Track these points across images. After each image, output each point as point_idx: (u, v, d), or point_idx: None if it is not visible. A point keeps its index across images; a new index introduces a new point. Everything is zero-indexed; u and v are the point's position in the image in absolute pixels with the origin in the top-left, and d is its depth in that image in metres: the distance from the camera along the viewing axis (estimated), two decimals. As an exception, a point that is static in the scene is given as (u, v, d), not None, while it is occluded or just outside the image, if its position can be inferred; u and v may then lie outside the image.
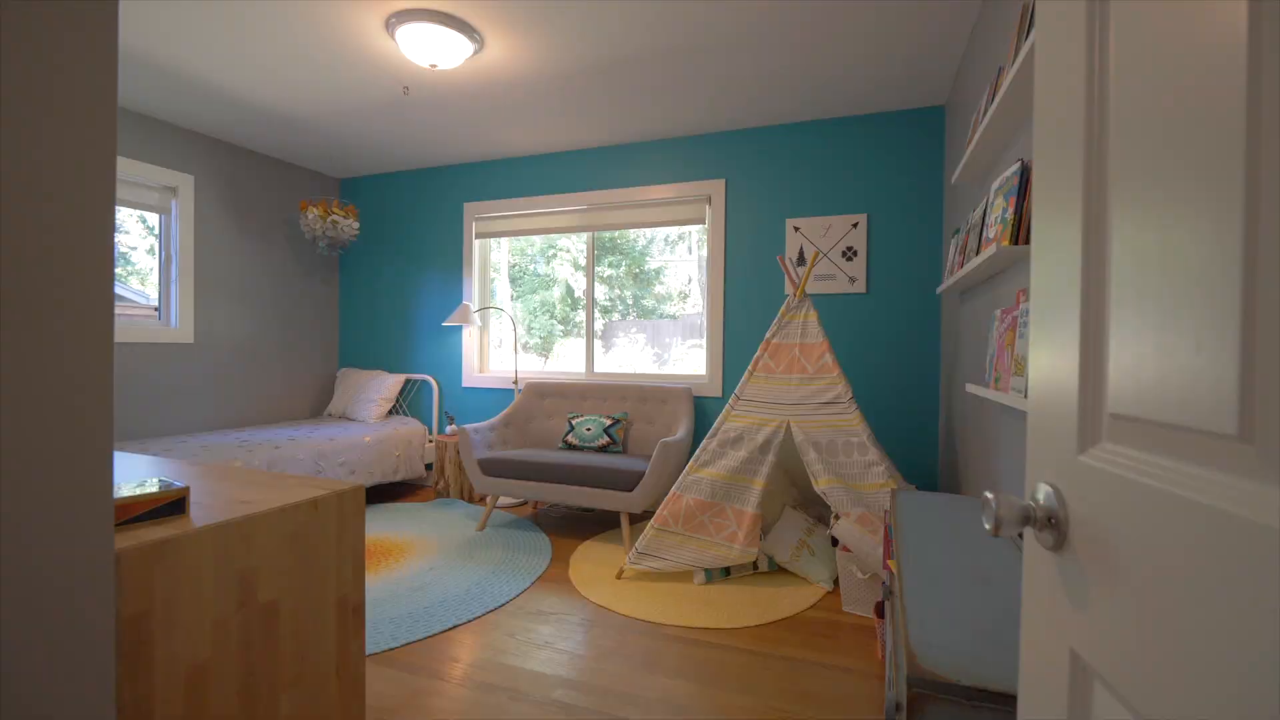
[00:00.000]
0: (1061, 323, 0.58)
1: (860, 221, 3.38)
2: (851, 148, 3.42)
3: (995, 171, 2.03)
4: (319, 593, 1.17)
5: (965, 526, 1.60)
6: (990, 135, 1.82)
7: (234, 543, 1.01)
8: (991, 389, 1.59)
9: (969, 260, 2.05)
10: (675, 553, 2.63)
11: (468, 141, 3.90)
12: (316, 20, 2.45)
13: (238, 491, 1.18)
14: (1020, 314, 1.41)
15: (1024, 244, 1.52)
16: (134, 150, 3.43)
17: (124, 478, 1.27)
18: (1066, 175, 0.58)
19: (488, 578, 2.70)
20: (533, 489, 3.19)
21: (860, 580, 2.34)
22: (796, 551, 2.68)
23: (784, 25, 2.45)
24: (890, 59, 2.74)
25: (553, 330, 4.33)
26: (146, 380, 3.52)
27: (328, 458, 3.49)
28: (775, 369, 2.72)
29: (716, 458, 2.69)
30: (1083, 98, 0.55)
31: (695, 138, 3.74)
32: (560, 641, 2.14)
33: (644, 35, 2.54)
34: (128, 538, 0.89)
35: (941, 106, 3.24)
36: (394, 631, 2.18)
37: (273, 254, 4.25)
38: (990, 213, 1.77)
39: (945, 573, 1.29)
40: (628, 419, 3.65)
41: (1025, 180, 1.54)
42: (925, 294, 3.29)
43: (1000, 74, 1.85)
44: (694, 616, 2.32)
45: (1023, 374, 1.32)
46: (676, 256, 4.07)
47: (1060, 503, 0.56)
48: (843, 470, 2.47)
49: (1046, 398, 0.62)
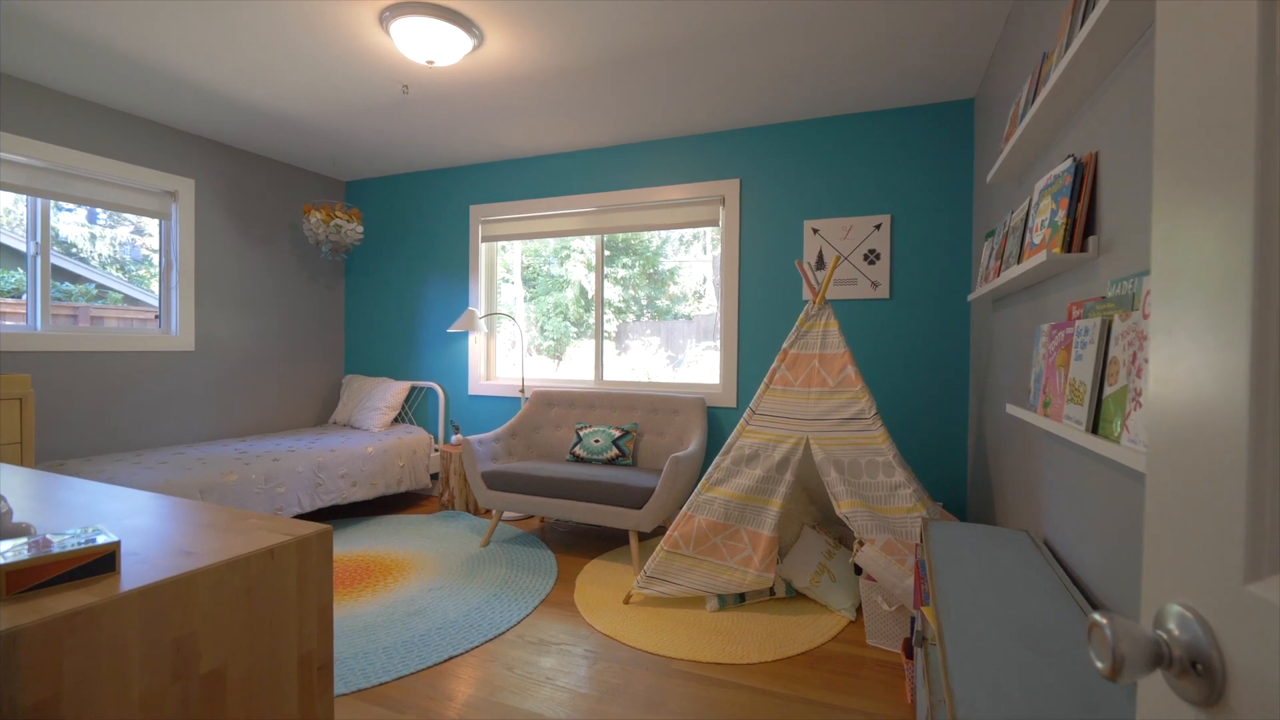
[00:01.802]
0: (1214, 349, 0.41)
1: (883, 223, 3.20)
2: (873, 145, 3.24)
3: (1037, 169, 1.84)
4: (277, 653, 1.03)
5: (1008, 570, 1.43)
6: (1034, 130, 1.63)
7: (168, 607, 0.87)
8: (1039, 414, 1.41)
9: (1007, 267, 1.87)
10: (686, 577, 2.47)
11: (472, 142, 3.77)
12: (309, 17, 2.33)
13: (187, 536, 1.05)
14: (1076, 333, 1.23)
15: (1078, 251, 1.34)
16: (132, 155, 3.35)
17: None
18: (1222, 157, 0.41)
19: (489, 601, 2.56)
20: (538, 504, 3.06)
21: (886, 612, 2.16)
22: (816, 577, 2.51)
23: (800, 14, 2.29)
24: (915, 48, 2.56)
25: (566, 332, 4.19)
26: (146, 389, 3.44)
27: (328, 469, 3.38)
28: (793, 381, 2.55)
29: (730, 476, 2.53)
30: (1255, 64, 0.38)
31: (707, 136, 3.58)
32: (562, 677, 1.99)
33: (651, 28, 2.39)
34: (32, 610, 0.76)
35: (971, 99, 3.05)
36: (386, 663, 2.05)
37: (276, 259, 4.16)
38: (1035, 215, 1.60)
39: (991, 632, 1.12)
40: (638, 430, 3.50)
41: (1080, 178, 1.36)
42: (954, 300, 3.09)
43: (1045, 61, 1.67)
44: (705, 649, 2.16)
45: (1081, 403, 1.15)
46: (691, 256, 3.92)
47: (1210, 640, 0.39)
48: (866, 492, 2.29)
49: (1183, 470, 0.45)
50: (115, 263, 3.59)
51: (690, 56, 2.63)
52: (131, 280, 3.62)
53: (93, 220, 3.48)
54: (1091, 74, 1.27)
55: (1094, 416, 1.11)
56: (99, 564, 0.87)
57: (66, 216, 3.34)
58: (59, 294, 3.27)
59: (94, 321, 3.41)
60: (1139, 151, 1.13)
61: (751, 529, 2.46)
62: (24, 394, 2.56)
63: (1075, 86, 1.35)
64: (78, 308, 3.37)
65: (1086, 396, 1.13)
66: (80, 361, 3.17)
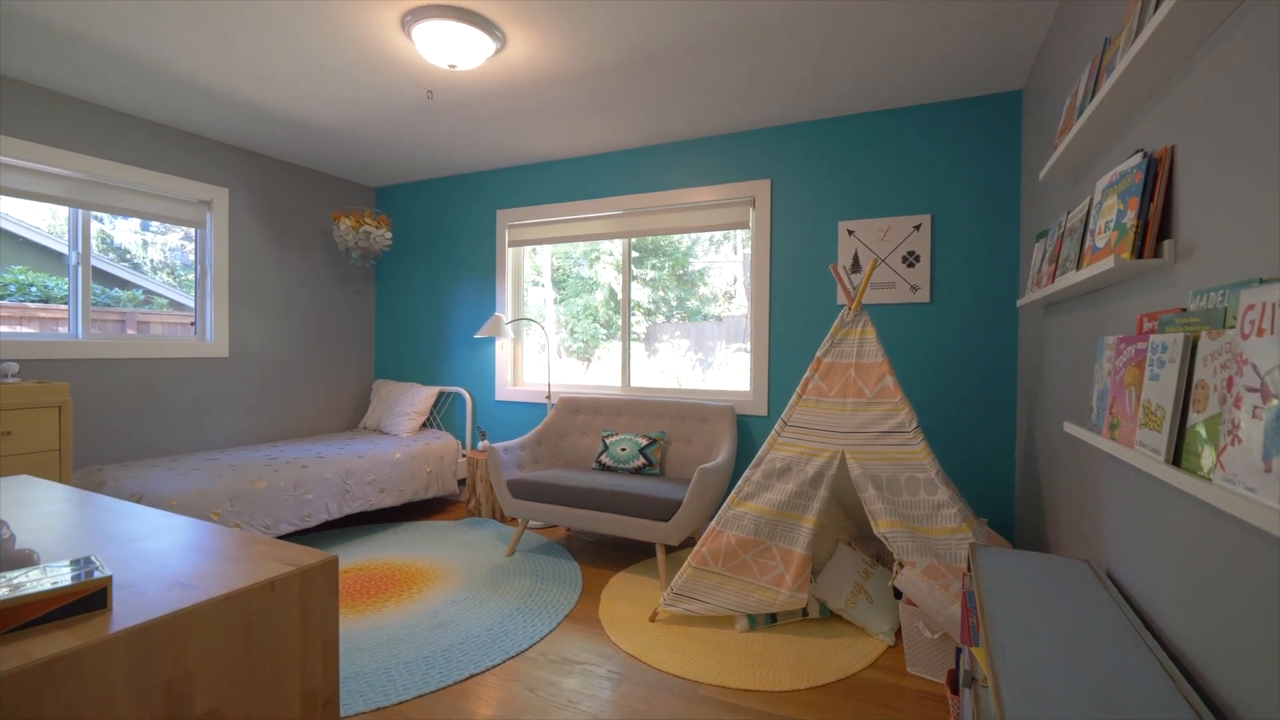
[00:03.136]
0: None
1: (923, 223, 3.04)
2: (912, 141, 3.08)
3: (1098, 165, 1.69)
4: (277, 691, 0.98)
5: (1069, 607, 1.29)
6: (1096, 122, 1.49)
7: (160, 647, 0.82)
8: (1105, 437, 1.27)
9: (1063, 272, 1.72)
10: (715, 595, 2.38)
11: (497, 147, 3.74)
12: (332, 25, 2.31)
13: (188, 564, 1.01)
14: (1151, 349, 1.10)
15: (1151, 257, 1.21)
16: (169, 165, 3.41)
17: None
18: None
19: (512, 614, 2.51)
20: (563, 514, 3.00)
21: (928, 640, 2.03)
22: (852, 597, 2.38)
23: (833, 4, 2.17)
24: (957, 37, 2.41)
25: (595, 334, 4.13)
26: (182, 395, 3.51)
27: (356, 476, 3.38)
28: (827, 392, 2.43)
29: (761, 490, 2.42)
30: None
31: (736, 135, 3.47)
32: (584, 700, 1.92)
33: (676, 24, 2.30)
34: (12, 654, 0.72)
35: (1018, 91, 2.87)
36: (407, 680, 2.01)
37: (308, 266, 4.20)
38: (1097, 216, 1.45)
39: (1055, 685, 1.00)
40: (665, 439, 3.41)
41: (1153, 175, 1.22)
42: (1000, 305, 2.92)
43: (1108, 47, 1.52)
44: (735, 674, 2.06)
45: (1158, 429, 1.02)
46: (721, 257, 3.82)
47: None
48: (907, 511, 2.16)
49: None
50: (166, 267, 3.69)
51: (716, 52, 2.53)
52: (181, 285, 3.70)
53: (145, 228, 3.58)
54: (1168, 59, 1.14)
55: (1175, 446, 0.98)
56: (90, 600, 0.83)
57: (121, 224, 3.44)
58: (109, 300, 3.36)
59: (140, 327, 3.50)
60: (1229, 144, 0.99)
61: (783, 546, 2.34)
62: (62, 402, 2.61)
63: (1147, 74, 1.21)
64: (126, 313, 3.45)
65: (1166, 423, 1.00)
66: (119, 368, 3.24)
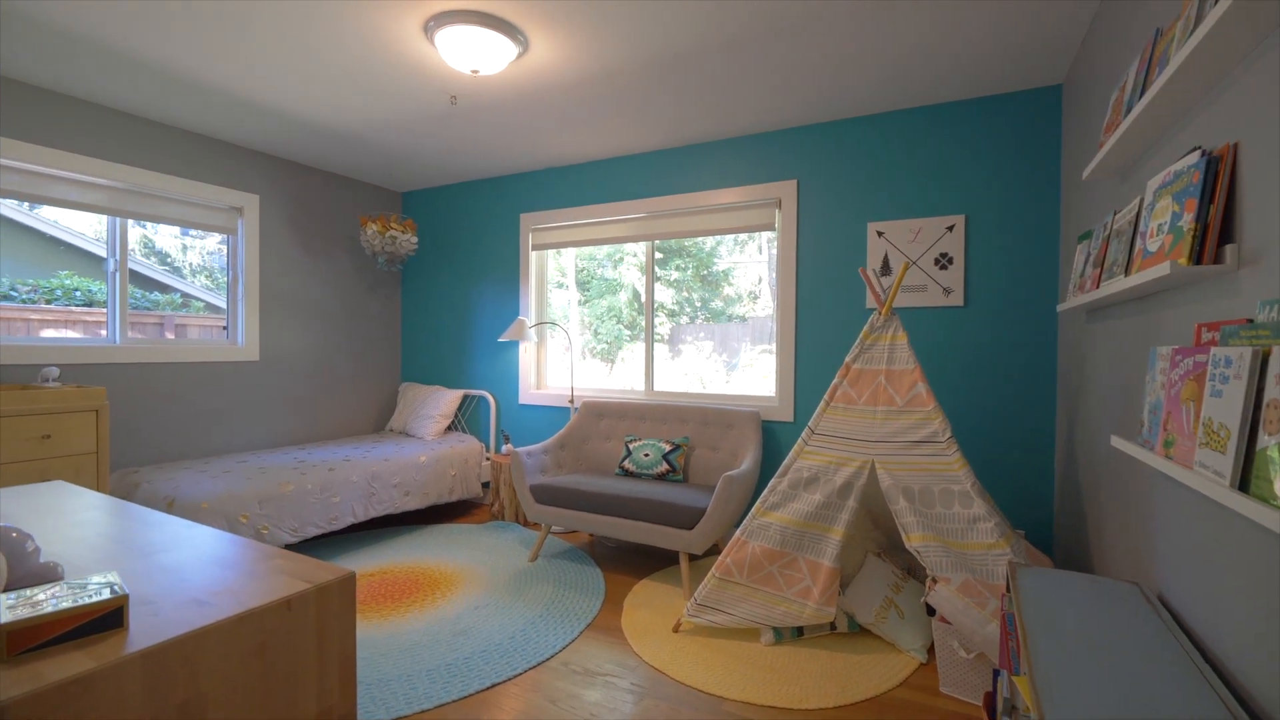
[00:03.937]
0: None
1: (957, 224, 2.94)
2: (945, 139, 2.98)
3: (1149, 164, 1.60)
4: (293, 711, 0.97)
5: (1119, 635, 1.22)
6: (1147, 119, 1.40)
7: (174, 668, 0.81)
8: (1159, 455, 1.19)
9: (1110, 276, 1.63)
10: (739, 607, 2.32)
11: (520, 150, 3.74)
12: (355, 33, 2.32)
13: (206, 579, 1.00)
14: (1212, 363, 1.02)
15: (1211, 263, 1.13)
16: (201, 173, 3.48)
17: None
18: None
19: (535, 622, 2.49)
20: (586, 520, 2.97)
21: (964, 659, 1.95)
22: (882, 611, 2.31)
23: (863, 1, 2.10)
24: (991, 30, 2.32)
25: (619, 335, 4.10)
26: (214, 398, 3.58)
27: (381, 479, 3.41)
28: (856, 399, 2.35)
29: (787, 500, 2.36)
30: None
31: (761, 136, 3.41)
32: (606, 715, 1.89)
33: (699, 24, 2.26)
34: (26, 676, 0.71)
35: (1058, 85, 2.75)
36: (428, 689, 2.01)
37: (336, 270, 4.26)
38: (1149, 218, 1.37)
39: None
40: (689, 444, 3.37)
41: (1212, 175, 1.14)
42: (1038, 309, 2.80)
43: (1160, 39, 1.43)
44: (760, 689, 2.01)
45: (1222, 450, 0.94)
46: (746, 256, 3.76)
47: None
48: (940, 525, 2.08)
49: None
50: (204, 270, 3.78)
51: (741, 52, 2.48)
52: (218, 288, 3.79)
53: (185, 233, 3.68)
54: (1232, 50, 1.06)
55: (1242, 470, 0.90)
56: (107, 619, 0.82)
57: (162, 228, 3.54)
58: (149, 304, 3.45)
59: (179, 330, 3.59)
60: (1301, 143, 0.91)
61: (810, 558, 2.28)
62: (99, 405, 2.68)
63: (1207, 67, 1.13)
64: (164, 316, 3.54)
65: (1231, 444, 0.92)
66: (154, 372, 3.31)
